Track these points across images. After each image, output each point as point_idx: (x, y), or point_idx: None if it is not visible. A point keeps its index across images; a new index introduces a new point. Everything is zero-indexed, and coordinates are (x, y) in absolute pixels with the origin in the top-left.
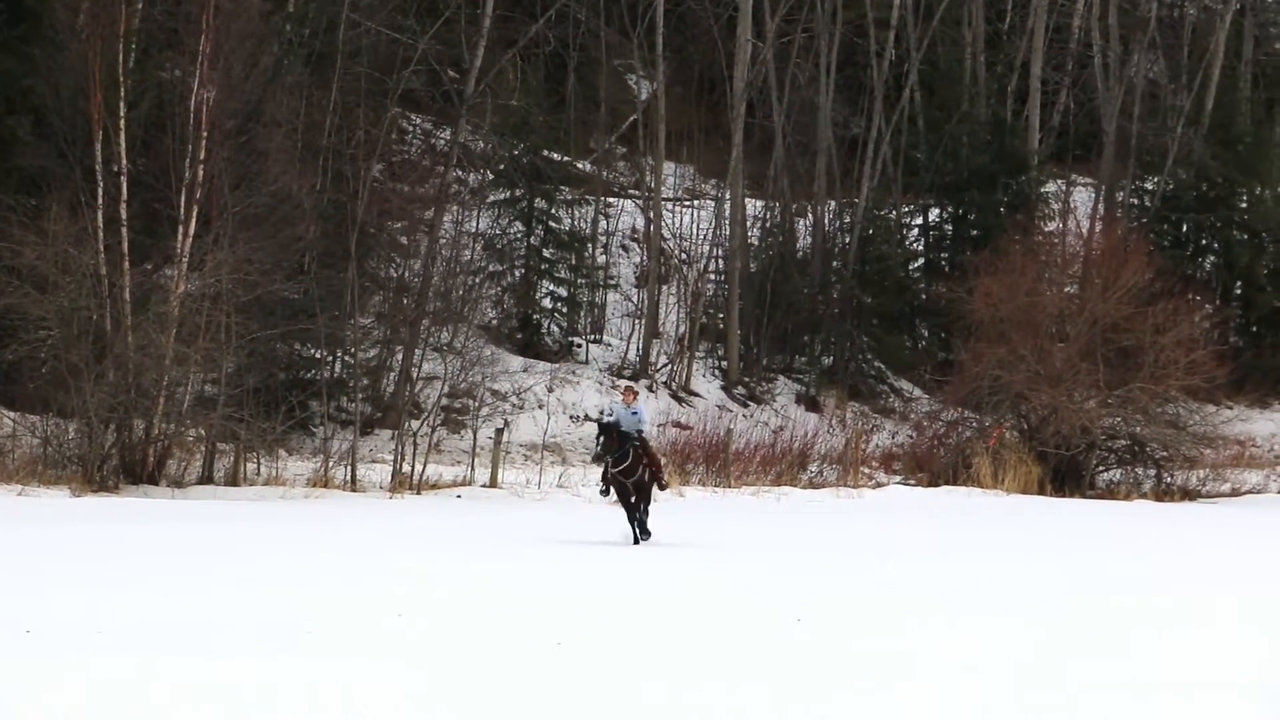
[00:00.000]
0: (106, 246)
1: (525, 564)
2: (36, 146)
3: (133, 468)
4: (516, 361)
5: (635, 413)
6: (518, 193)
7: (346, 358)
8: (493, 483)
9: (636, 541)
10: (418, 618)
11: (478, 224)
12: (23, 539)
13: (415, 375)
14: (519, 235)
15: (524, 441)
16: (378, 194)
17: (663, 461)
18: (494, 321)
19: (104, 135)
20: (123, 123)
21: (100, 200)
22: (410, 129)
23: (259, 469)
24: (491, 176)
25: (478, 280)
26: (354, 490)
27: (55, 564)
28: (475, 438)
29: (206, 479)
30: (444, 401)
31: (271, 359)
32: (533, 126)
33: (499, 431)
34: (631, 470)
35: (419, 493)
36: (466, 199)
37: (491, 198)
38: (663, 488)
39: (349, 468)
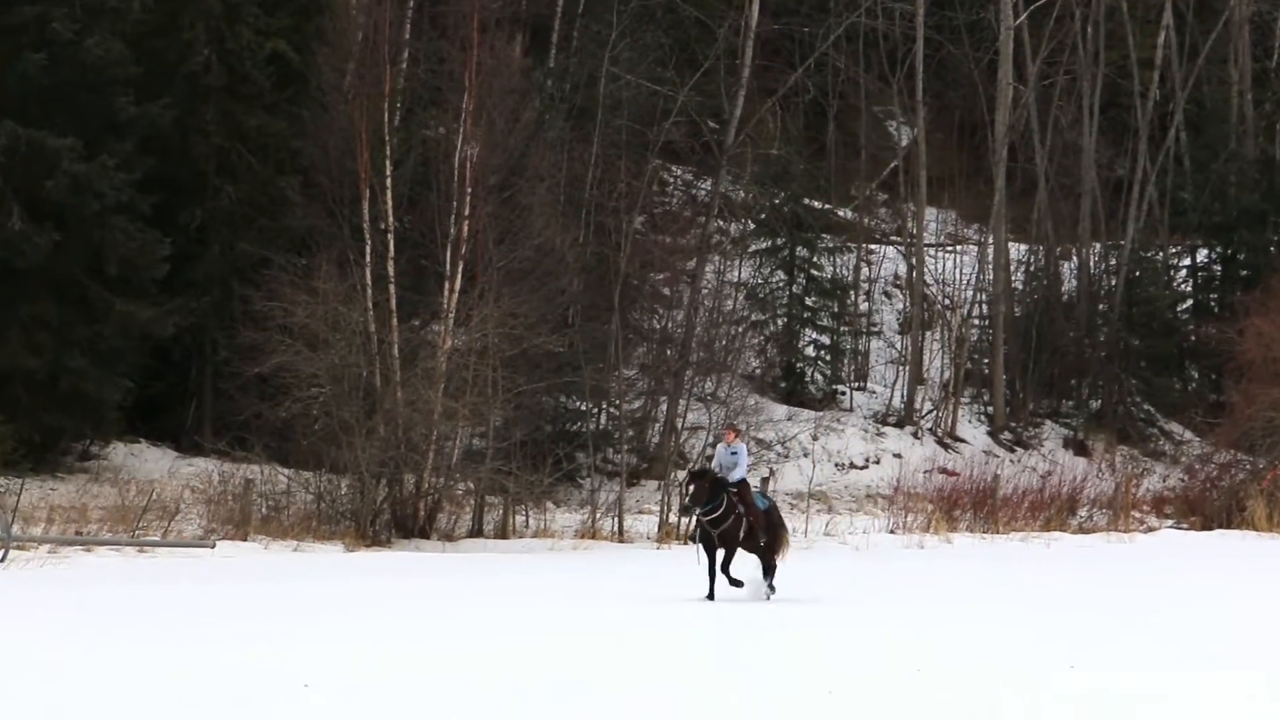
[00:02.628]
0: (375, 303)
1: (795, 610)
2: (306, 206)
3: (404, 522)
4: (780, 410)
5: (734, 453)
6: (779, 241)
7: (611, 409)
8: None
9: (711, 597)
10: (679, 670)
11: (739, 273)
12: (299, 594)
13: (680, 425)
14: (781, 284)
15: (789, 490)
16: (640, 245)
17: (786, 530)
18: (757, 370)
19: (371, 193)
20: (389, 181)
21: (368, 258)
22: (671, 180)
23: (528, 521)
24: (753, 226)
25: (740, 330)
26: (621, 541)
27: (331, 618)
28: None
29: (476, 532)
30: (709, 451)
31: (538, 412)
32: (793, 175)
33: (764, 480)
34: (721, 520)
35: (685, 543)
36: (728, 249)
37: (753, 247)
38: (763, 554)
39: (616, 519)
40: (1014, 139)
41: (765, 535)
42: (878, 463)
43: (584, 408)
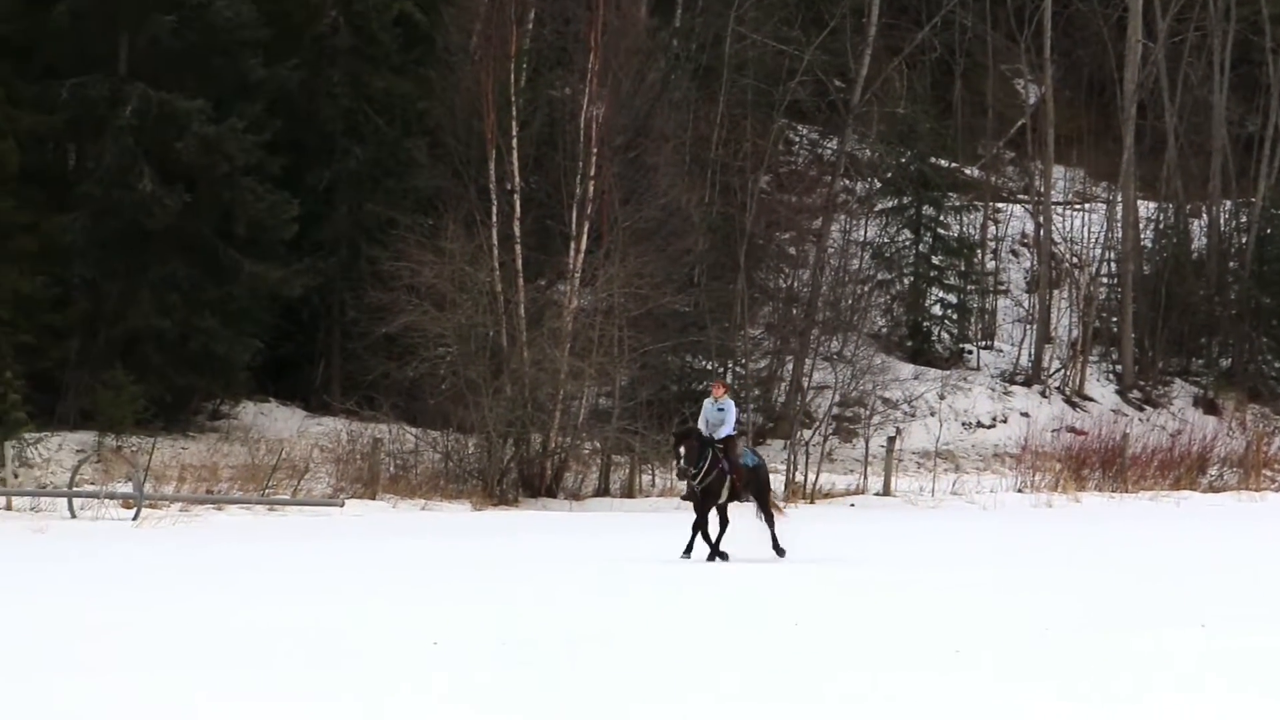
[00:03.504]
0: (501, 263)
1: (920, 572)
2: (433, 167)
3: (531, 481)
4: (907, 369)
5: (721, 409)
6: (905, 200)
7: (737, 369)
8: (885, 491)
9: (688, 554)
10: (817, 627)
11: (865, 232)
12: (427, 552)
13: (806, 385)
14: (907, 243)
15: (916, 449)
16: (765, 205)
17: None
18: (883, 330)
19: (497, 154)
20: (515, 141)
21: (494, 218)
22: (797, 139)
23: (654, 480)
24: (879, 185)
25: (866, 289)
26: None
27: (459, 577)
28: (867, 446)
29: (603, 491)
30: (835, 410)
31: (663, 371)
32: (919, 133)
33: (891, 440)
34: (704, 476)
35: (812, 501)
36: (854, 208)
37: (879, 206)
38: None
39: None
40: (1143, 96)
41: (750, 494)
42: (1005, 422)
43: (709, 367)
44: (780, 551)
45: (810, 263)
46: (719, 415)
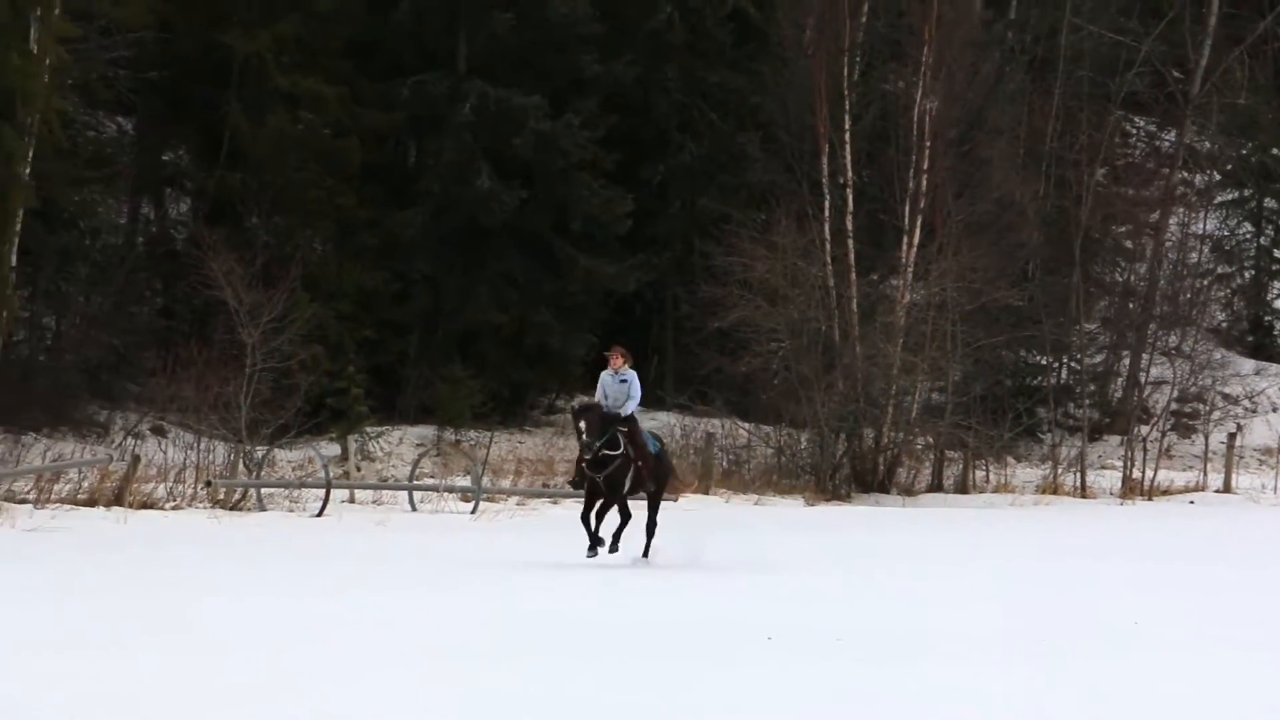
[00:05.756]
0: (833, 258)
1: (1247, 572)
2: (765, 162)
3: (863, 476)
4: (1248, 364)
5: (624, 380)
6: (1246, 192)
7: (1073, 364)
8: (1226, 488)
9: (593, 551)
10: (1157, 627)
11: (1204, 226)
12: (761, 547)
13: (1143, 380)
14: (1248, 236)
15: (1257, 445)
16: (1101, 198)
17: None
18: (1223, 324)
19: (830, 148)
20: (847, 136)
21: (827, 212)
22: (1134, 131)
23: (988, 476)
24: (1218, 177)
25: (1206, 283)
26: (1084, 496)
27: (796, 572)
28: (1207, 442)
29: (936, 486)
30: (1173, 406)
31: (997, 366)
32: (1261, 124)
33: (1231, 436)
34: (606, 462)
35: (1150, 498)
36: (1193, 201)
37: (1219, 198)
38: (652, 496)
39: (1078, 474)
40: None
41: (653, 484)
42: None
43: (1044, 362)
44: (644, 557)
45: (1147, 256)
46: (620, 388)
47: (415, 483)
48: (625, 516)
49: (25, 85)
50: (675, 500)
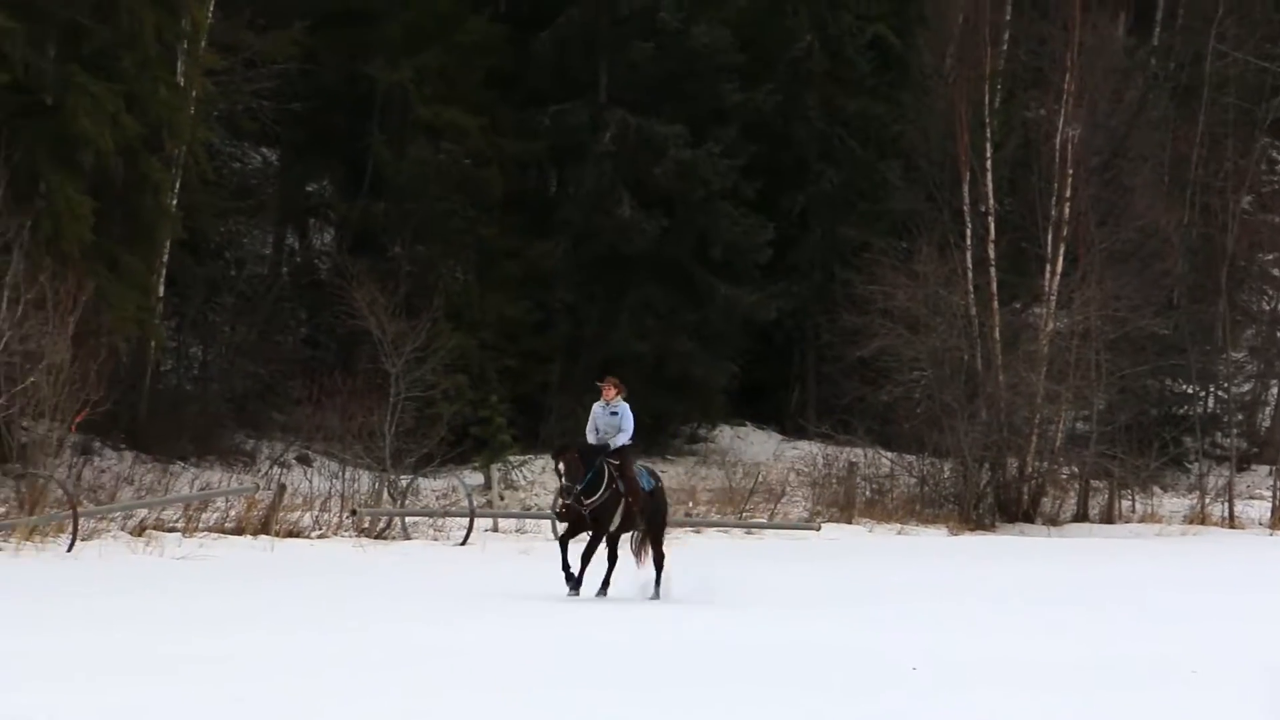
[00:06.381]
0: (975, 286)
1: None
2: (906, 190)
3: (1007, 506)
4: None
5: (615, 412)
6: None
7: (1219, 392)
8: None
9: (574, 589)
10: None
11: None
12: (904, 576)
13: None
14: None
15: None
16: (1247, 225)
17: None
18: None
19: (971, 176)
20: (989, 163)
21: (969, 241)
22: None
23: (1134, 506)
24: None
25: None
26: (1232, 527)
27: (938, 602)
28: None
29: (1081, 516)
30: None
31: (1142, 395)
32: None
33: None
34: (593, 493)
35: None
36: None
37: None
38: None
39: (1226, 504)
40: None
41: (644, 522)
42: None
43: (1190, 391)
44: (656, 595)
45: None
46: (612, 421)
47: (557, 512)
48: (613, 560)
49: (172, 117)
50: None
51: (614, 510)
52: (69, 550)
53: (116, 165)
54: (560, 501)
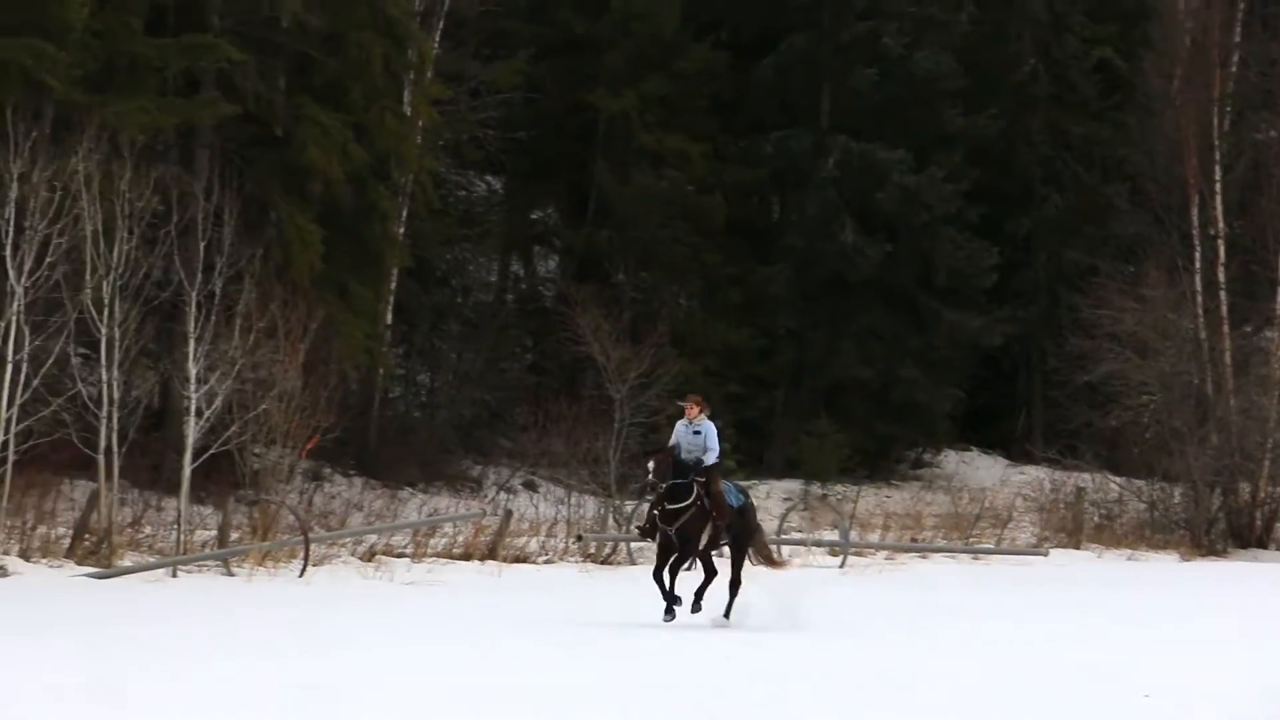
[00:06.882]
0: (1205, 310)
1: None
2: (1132, 214)
3: (1240, 531)
4: None
5: (698, 431)
6: None
7: None
8: None
9: (670, 613)
10: None
11: None
12: (1134, 602)
13: None
14: None
15: None
16: None
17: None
18: None
19: (1199, 199)
20: (1218, 186)
21: (1197, 264)
22: None
23: None
24: None
25: None
26: None
27: (1174, 625)
28: None
29: None
30: None
31: None
32: None
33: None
34: (679, 514)
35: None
36: None
37: None
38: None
39: None
40: None
41: (729, 539)
42: None
43: None
44: (725, 617)
45: None
46: (695, 440)
47: (783, 537)
48: (709, 573)
49: (399, 147)
50: (768, 566)
51: (701, 528)
52: (300, 575)
53: (345, 194)
54: (647, 511)
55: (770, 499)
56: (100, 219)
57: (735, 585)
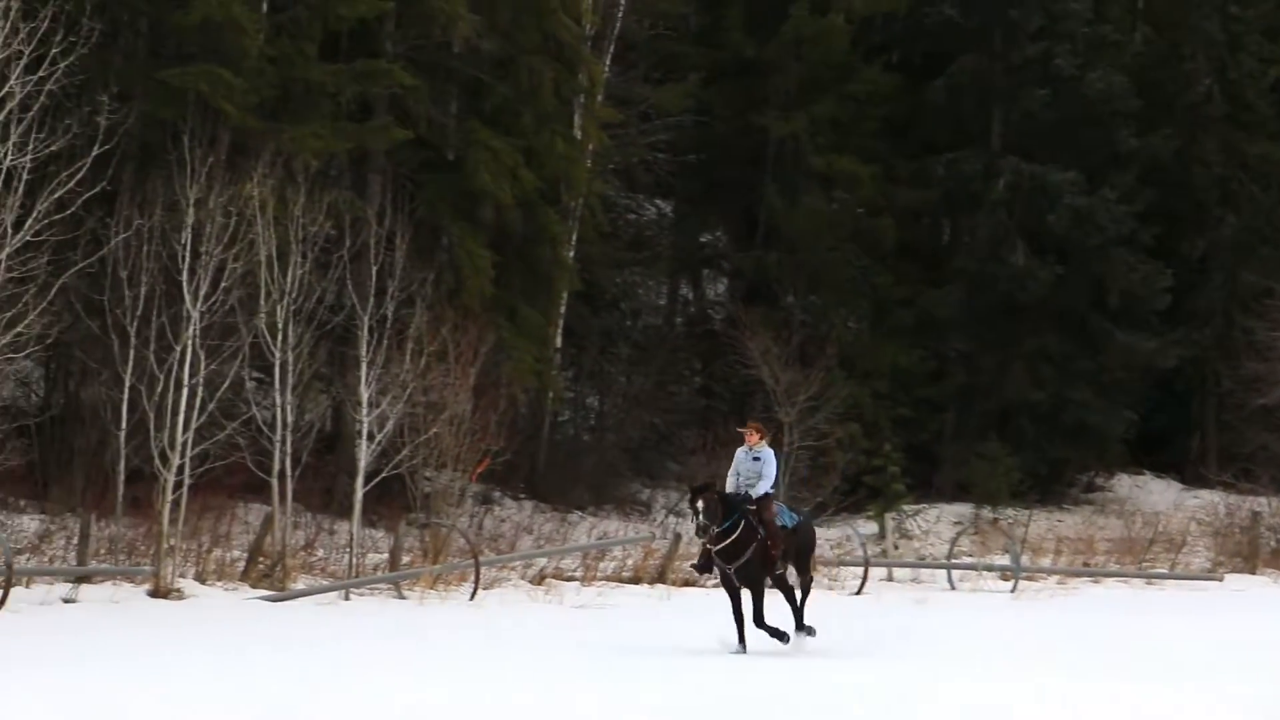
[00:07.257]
0: None
1: None
2: None
3: None
4: None
5: (757, 457)
6: None
7: None
8: None
9: (742, 645)
10: None
11: None
12: None
13: None
14: None
15: None
16: None
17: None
18: None
19: None
20: None
21: None
22: None
23: None
24: None
25: None
26: None
27: None
28: None
29: None
30: None
31: None
32: None
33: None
34: (738, 551)
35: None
36: None
37: None
38: (778, 575)
39: None
40: None
41: (784, 562)
42: None
43: None
44: (810, 630)
45: None
46: (754, 466)
47: (953, 561)
48: (788, 593)
49: (569, 170)
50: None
51: (760, 564)
52: (471, 599)
53: (516, 218)
54: (701, 546)
55: (940, 523)
56: (274, 244)
57: (804, 592)
